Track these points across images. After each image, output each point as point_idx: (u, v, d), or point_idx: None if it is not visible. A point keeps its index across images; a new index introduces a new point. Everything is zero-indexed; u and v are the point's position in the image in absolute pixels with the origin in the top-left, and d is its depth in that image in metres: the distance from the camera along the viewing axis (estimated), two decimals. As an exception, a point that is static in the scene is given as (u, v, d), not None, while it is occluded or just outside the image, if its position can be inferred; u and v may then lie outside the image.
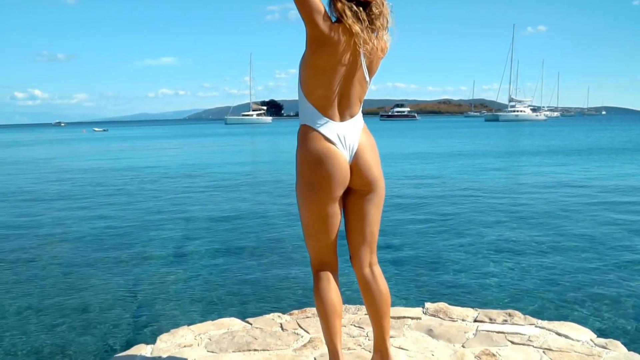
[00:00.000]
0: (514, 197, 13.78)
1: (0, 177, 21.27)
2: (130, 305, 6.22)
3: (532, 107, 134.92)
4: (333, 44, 2.29)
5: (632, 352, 3.14)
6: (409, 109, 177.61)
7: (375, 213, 2.56)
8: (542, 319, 3.67)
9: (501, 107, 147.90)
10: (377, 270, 2.61)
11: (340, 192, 2.44)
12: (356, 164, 2.44)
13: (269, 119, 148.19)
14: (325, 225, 2.47)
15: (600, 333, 4.15)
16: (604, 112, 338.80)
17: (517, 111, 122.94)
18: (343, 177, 2.42)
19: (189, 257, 8.29)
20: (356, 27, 2.28)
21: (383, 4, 2.37)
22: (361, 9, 2.31)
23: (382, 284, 2.61)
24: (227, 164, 25.53)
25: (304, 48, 2.38)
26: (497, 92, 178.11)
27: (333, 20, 2.34)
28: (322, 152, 2.37)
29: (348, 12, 2.28)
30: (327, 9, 2.34)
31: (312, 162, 2.38)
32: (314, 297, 2.55)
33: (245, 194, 14.77)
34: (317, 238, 2.51)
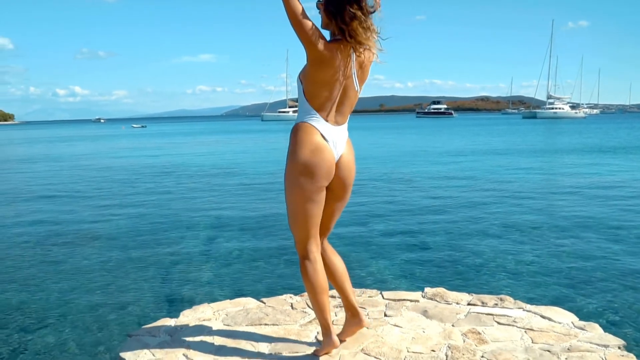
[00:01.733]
0: (542, 195, 13.88)
1: (43, 173, 22.21)
2: (159, 285, 6.89)
3: (571, 104, 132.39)
4: (331, 61, 2.69)
5: (607, 334, 3.42)
6: (445, 106, 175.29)
7: (338, 214, 3.07)
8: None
9: (540, 104, 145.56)
10: (328, 247, 3.11)
11: (326, 183, 2.82)
12: (338, 167, 2.86)
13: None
14: (312, 210, 2.84)
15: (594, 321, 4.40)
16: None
17: (556, 108, 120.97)
18: (330, 170, 2.81)
19: (217, 246, 8.83)
20: (364, 44, 2.71)
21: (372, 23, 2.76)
22: (367, 24, 2.70)
23: (335, 257, 3.12)
24: (262, 162, 25.87)
25: (305, 63, 2.80)
26: (535, 88, 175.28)
27: (335, 34, 2.75)
28: (317, 144, 2.76)
29: (360, 30, 2.66)
30: (335, 20, 2.71)
31: (307, 152, 2.74)
32: (303, 278, 2.93)
33: (278, 193, 15.18)
34: (304, 223, 2.86)
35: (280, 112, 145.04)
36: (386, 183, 16.52)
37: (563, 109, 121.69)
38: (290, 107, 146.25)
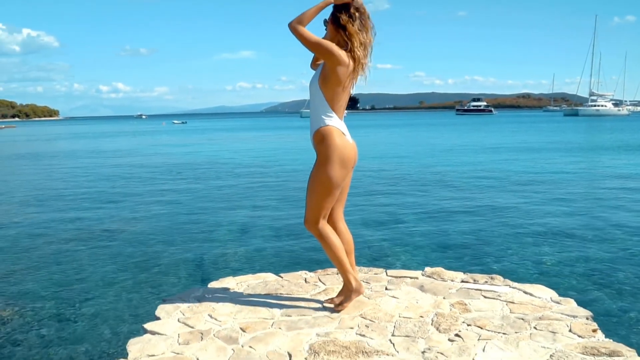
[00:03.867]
0: (573, 194, 14.09)
1: (88, 168, 23.28)
2: (191, 263, 7.79)
3: (614, 101, 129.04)
4: (349, 67, 3.34)
5: (579, 307, 3.86)
6: (485, 103, 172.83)
7: (348, 188, 3.71)
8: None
9: (582, 101, 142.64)
10: (344, 223, 3.78)
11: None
12: None
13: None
14: (335, 193, 3.50)
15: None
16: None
17: (598, 105, 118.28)
18: (355, 160, 3.54)
19: (246, 233, 9.62)
20: (362, 62, 3.39)
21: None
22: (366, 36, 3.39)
23: (347, 231, 3.77)
24: (297, 159, 26.16)
25: (317, 71, 3.48)
26: (577, 85, 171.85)
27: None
28: (347, 144, 3.44)
29: (358, 42, 3.33)
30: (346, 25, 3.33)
31: (344, 152, 3.40)
32: (323, 244, 3.57)
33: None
34: (327, 204, 3.51)
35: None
36: (417, 179, 16.95)
37: (605, 106, 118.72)
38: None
